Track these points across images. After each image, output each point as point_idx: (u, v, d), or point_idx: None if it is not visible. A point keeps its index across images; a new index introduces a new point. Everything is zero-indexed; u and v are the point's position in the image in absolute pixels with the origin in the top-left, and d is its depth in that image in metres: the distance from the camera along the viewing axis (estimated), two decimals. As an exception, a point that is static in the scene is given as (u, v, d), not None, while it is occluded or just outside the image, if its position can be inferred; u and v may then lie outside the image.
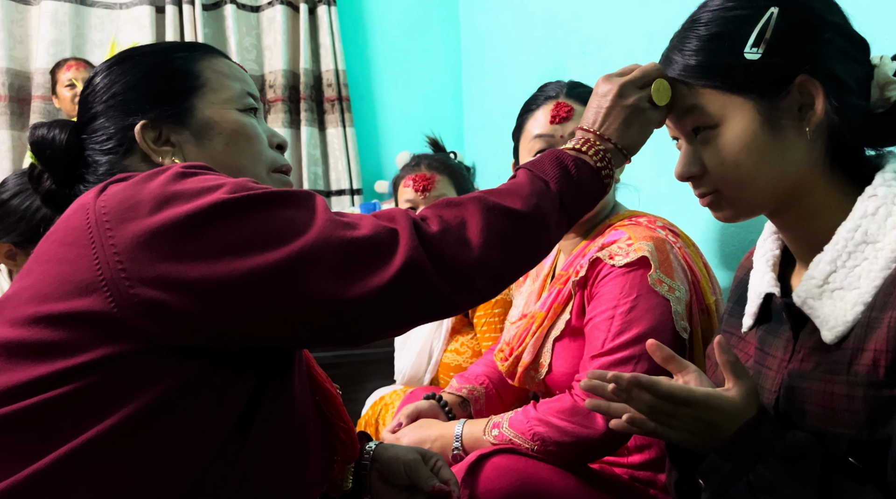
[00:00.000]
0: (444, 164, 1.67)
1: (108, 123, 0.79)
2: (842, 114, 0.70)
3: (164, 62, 0.81)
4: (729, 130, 0.73)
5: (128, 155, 0.79)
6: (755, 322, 0.82)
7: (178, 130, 0.78)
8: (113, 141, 0.79)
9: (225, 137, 0.79)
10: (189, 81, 0.80)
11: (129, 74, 0.80)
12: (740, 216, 0.77)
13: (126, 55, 0.83)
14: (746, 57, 0.71)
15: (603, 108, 0.80)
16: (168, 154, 0.78)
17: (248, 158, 0.80)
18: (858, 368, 0.64)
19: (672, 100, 0.78)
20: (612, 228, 1.14)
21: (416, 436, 1.17)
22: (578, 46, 1.94)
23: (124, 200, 0.64)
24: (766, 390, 0.76)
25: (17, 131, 2.77)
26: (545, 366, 1.16)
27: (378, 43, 3.14)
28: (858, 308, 0.66)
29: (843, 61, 0.71)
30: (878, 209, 0.68)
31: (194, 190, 0.64)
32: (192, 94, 0.80)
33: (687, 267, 1.09)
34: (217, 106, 0.80)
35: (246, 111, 0.82)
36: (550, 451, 1.03)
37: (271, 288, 0.61)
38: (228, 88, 0.82)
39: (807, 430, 0.69)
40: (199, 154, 0.78)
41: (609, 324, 1.05)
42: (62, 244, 0.65)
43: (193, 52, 0.83)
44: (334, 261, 0.62)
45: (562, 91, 1.19)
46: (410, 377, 1.70)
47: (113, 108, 0.79)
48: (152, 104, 0.78)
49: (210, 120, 0.79)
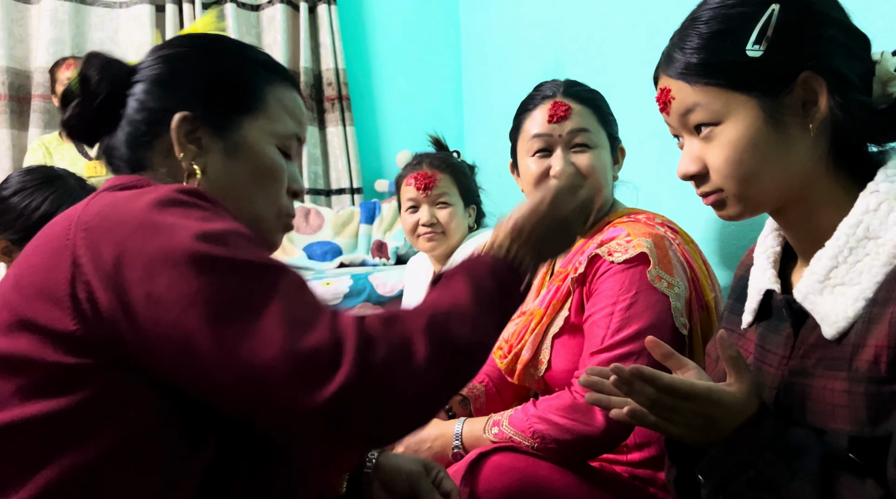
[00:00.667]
0: (446, 162, 1.67)
1: (151, 94, 0.75)
2: (846, 110, 0.70)
3: (239, 69, 0.78)
4: (732, 127, 0.73)
5: (155, 140, 0.75)
6: (755, 319, 0.82)
7: (214, 138, 0.75)
8: (147, 115, 0.75)
9: (252, 167, 0.76)
10: (251, 101, 0.77)
11: (203, 62, 0.77)
12: (744, 215, 0.77)
13: (209, 42, 0.79)
14: (749, 54, 0.71)
15: (534, 217, 0.76)
16: (191, 154, 0.74)
17: (263, 196, 0.77)
18: (859, 364, 0.64)
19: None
20: (610, 225, 1.14)
21: (416, 435, 1.17)
22: (578, 46, 1.94)
23: (105, 219, 0.62)
24: (767, 386, 0.76)
25: (17, 130, 2.77)
26: (544, 363, 1.16)
27: (378, 42, 3.14)
28: (859, 304, 0.66)
29: (846, 57, 0.71)
30: (880, 205, 0.68)
31: (174, 225, 0.61)
32: (246, 112, 0.77)
33: (686, 263, 1.09)
34: (262, 135, 0.77)
35: (284, 151, 0.79)
36: (550, 448, 1.03)
37: (205, 358, 0.58)
38: (282, 124, 0.79)
39: (807, 426, 0.69)
40: (220, 169, 0.75)
41: (608, 320, 1.05)
42: (41, 253, 0.63)
43: (271, 73, 0.80)
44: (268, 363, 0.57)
45: (559, 90, 1.19)
46: None
47: (164, 84, 0.76)
48: (205, 103, 0.75)
49: (248, 144, 0.76)
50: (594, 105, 1.20)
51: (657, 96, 0.79)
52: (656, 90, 0.80)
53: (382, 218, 2.72)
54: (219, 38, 0.81)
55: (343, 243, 2.67)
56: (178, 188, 0.65)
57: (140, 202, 0.62)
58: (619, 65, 1.68)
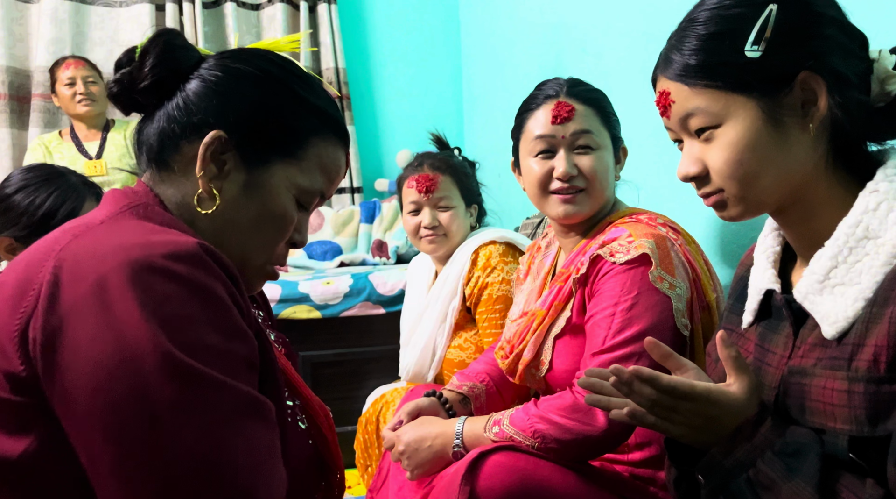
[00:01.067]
0: (447, 163, 1.67)
1: (199, 101, 0.72)
2: (845, 109, 0.70)
3: (294, 111, 0.74)
4: (732, 128, 0.73)
5: (183, 146, 0.72)
6: (755, 319, 0.82)
7: (239, 168, 0.73)
8: (186, 117, 0.72)
9: (262, 210, 0.73)
10: (292, 147, 0.74)
11: (261, 91, 0.73)
12: (745, 215, 0.77)
13: (277, 71, 0.75)
14: (747, 55, 0.70)
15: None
16: (210, 174, 0.71)
17: (260, 241, 0.75)
18: (859, 363, 0.64)
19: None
20: (612, 226, 1.14)
21: (417, 433, 1.17)
22: (578, 45, 1.94)
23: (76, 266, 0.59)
24: (766, 386, 0.76)
25: (17, 130, 2.77)
26: (546, 363, 1.16)
27: (378, 41, 3.14)
28: (859, 304, 0.66)
29: (844, 56, 0.71)
30: (880, 205, 0.68)
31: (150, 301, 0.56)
32: (282, 156, 0.74)
33: (688, 264, 1.09)
34: (286, 182, 0.74)
35: (301, 203, 0.77)
36: (551, 448, 1.03)
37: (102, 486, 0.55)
38: (310, 180, 0.76)
39: (807, 426, 0.69)
40: (231, 200, 0.72)
41: (610, 321, 1.05)
42: (10, 281, 0.61)
43: (324, 124, 0.76)
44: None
45: (562, 90, 1.18)
46: (415, 374, 1.70)
47: (217, 97, 0.72)
48: (246, 131, 0.72)
49: (269, 187, 0.73)
50: (597, 106, 1.19)
51: (657, 100, 0.79)
52: (654, 92, 0.80)
53: (383, 217, 2.72)
54: (289, 69, 0.76)
55: (343, 243, 2.67)
56: (170, 252, 0.60)
57: (117, 259, 0.58)
58: (620, 64, 1.68)
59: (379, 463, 1.47)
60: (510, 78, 2.50)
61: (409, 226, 1.70)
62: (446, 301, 1.63)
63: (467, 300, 1.62)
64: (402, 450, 1.17)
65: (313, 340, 2.16)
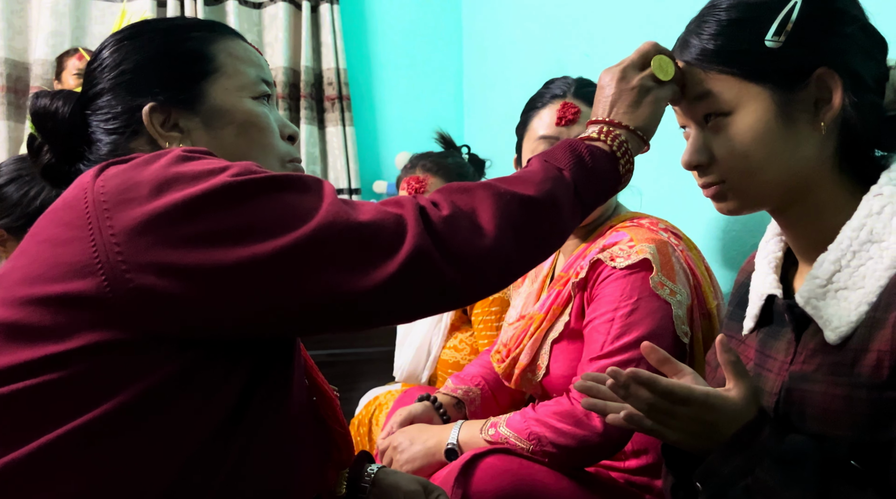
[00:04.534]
0: (439, 164, 1.67)
1: (114, 101, 0.75)
2: (859, 110, 0.70)
3: (177, 42, 0.77)
4: (742, 118, 0.72)
5: (133, 137, 0.75)
6: (756, 325, 0.81)
7: (188, 116, 0.75)
8: (118, 121, 0.75)
9: (236, 126, 0.76)
10: (203, 65, 0.76)
11: (140, 52, 0.76)
12: (744, 209, 0.76)
13: (137, 30, 0.78)
14: (767, 44, 0.70)
15: (609, 97, 0.78)
16: (176, 140, 0.74)
17: (259, 149, 0.77)
18: (861, 369, 0.64)
19: (677, 73, 0.76)
20: (613, 230, 1.13)
21: (412, 431, 1.16)
22: (581, 48, 1.93)
23: (123, 182, 0.62)
24: (767, 392, 0.75)
25: (15, 122, 2.76)
26: (542, 368, 1.15)
27: (380, 43, 3.14)
28: (863, 308, 0.65)
29: (863, 57, 0.70)
30: (884, 208, 0.67)
31: (196, 172, 0.61)
32: (204, 78, 0.76)
33: (689, 270, 1.08)
34: (230, 93, 0.77)
35: (259, 99, 0.79)
36: (547, 452, 1.02)
37: (273, 277, 0.60)
38: (243, 74, 0.78)
39: (807, 432, 0.68)
40: (208, 142, 0.75)
41: (609, 326, 1.04)
42: (58, 225, 0.63)
43: (209, 32, 0.79)
44: (340, 250, 0.61)
45: (569, 90, 1.17)
46: (409, 374, 1.70)
47: (120, 87, 0.75)
48: (162, 86, 0.75)
49: (222, 107, 0.76)
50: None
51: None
52: None
53: (380, 219, 2.71)
54: (141, 23, 0.80)
55: (340, 244, 2.65)
56: (185, 148, 0.66)
57: (154, 165, 0.62)
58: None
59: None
60: (512, 82, 2.50)
61: None
62: None
63: None
64: (397, 445, 1.16)
65: (307, 340, 2.13)
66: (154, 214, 0.60)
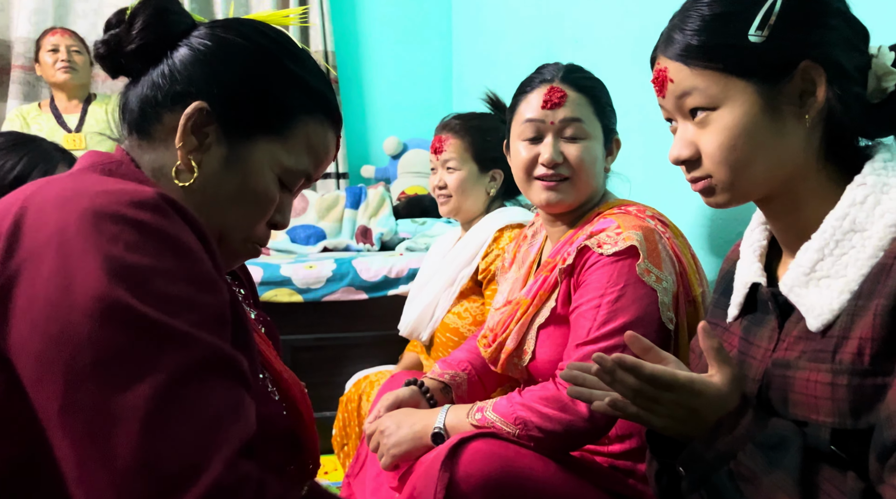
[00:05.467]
0: (464, 126, 1.68)
1: (185, 70, 0.69)
2: (843, 102, 0.70)
3: (283, 87, 0.72)
4: (728, 113, 0.72)
5: (164, 115, 0.70)
6: (740, 313, 0.82)
7: (220, 142, 0.70)
8: (169, 85, 0.69)
9: (243, 187, 0.71)
10: (278, 124, 0.71)
11: (251, 63, 0.71)
12: (733, 202, 0.77)
13: (269, 44, 0.72)
14: (750, 39, 0.70)
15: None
16: (190, 146, 0.69)
17: (240, 218, 0.72)
18: (843, 356, 0.65)
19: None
20: (600, 217, 1.14)
21: (399, 415, 1.17)
22: (571, 34, 1.93)
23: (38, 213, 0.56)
24: (750, 379, 0.76)
25: (-4, 100, 2.71)
26: (529, 353, 1.16)
27: (368, 26, 3.12)
28: (845, 296, 0.66)
29: (846, 49, 0.71)
30: (867, 198, 0.68)
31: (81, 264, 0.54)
32: (267, 133, 0.71)
33: (675, 257, 1.09)
34: (269, 160, 0.71)
35: (285, 183, 0.74)
36: (533, 436, 1.03)
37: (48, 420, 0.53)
38: (295, 159, 0.73)
39: (790, 419, 0.69)
40: (208, 174, 0.70)
41: (595, 313, 1.04)
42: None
43: (316, 105, 0.74)
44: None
45: (558, 75, 1.17)
46: (412, 329, 1.72)
47: (203, 66, 0.69)
48: (231, 104, 0.70)
49: (250, 163, 0.71)
50: (591, 94, 1.17)
51: (653, 77, 0.78)
52: (652, 71, 0.79)
53: (368, 204, 2.70)
54: (281, 43, 0.74)
55: (327, 228, 2.64)
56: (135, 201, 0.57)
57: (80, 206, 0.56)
58: (613, 55, 1.68)
59: (357, 449, 1.46)
60: (501, 67, 2.49)
61: (431, 185, 1.75)
62: (459, 267, 1.64)
63: (480, 274, 1.62)
64: (384, 429, 1.16)
65: (294, 324, 2.14)
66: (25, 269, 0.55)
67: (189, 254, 0.58)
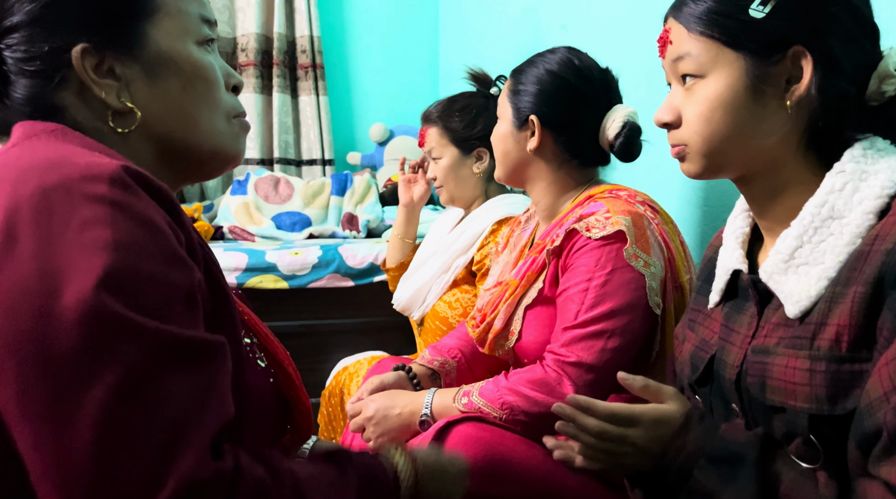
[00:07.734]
0: (436, 112, 1.64)
1: (35, 38, 0.63)
2: (824, 95, 0.70)
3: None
4: (713, 83, 0.73)
5: (62, 86, 0.64)
6: (722, 299, 0.82)
7: (127, 62, 0.66)
8: (40, 62, 0.63)
9: (182, 78, 0.67)
10: (143, 2, 0.67)
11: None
12: (704, 173, 0.77)
13: None
14: (750, 13, 0.70)
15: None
16: (112, 89, 0.65)
17: (206, 105, 0.70)
18: (821, 342, 0.65)
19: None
20: (591, 200, 1.14)
21: (385, 401, 1.17)
22: (558, 21, 1.92)
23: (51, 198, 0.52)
24: (729, 365, 0.77)
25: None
26: (515, 333, 1.17)
27: (354, 11, 3.08)
28: (822, 283, 0.67)
29: (845, 42, 0.70)
30: (846, 185, 0.68)
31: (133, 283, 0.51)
32: (145, 18, 0.66)
33: (663, 243, 1.10)
34: (174, 37, 0.67)
35: (203, 44, 0.70)
36: (519, 420, 1.04)
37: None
38: (186, 14, 0.69)
39: (768, 405, 0.70)
40: (149, 94, 0.66)
41: (583, 296, 1.05)
42: None
43: None
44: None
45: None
46: (405, 307, 1.73)
47: (42, 22, 0.63)
48: (95, 25, 0.64)
49: (166, 54, 0.67)
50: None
51: (659, 36, 0.79)
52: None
53: (354, 190, 2.69)
54: None
55: (313, 215, 2.63)
56: (91, 174, 0.53)
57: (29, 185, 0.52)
58: (601, 42, 1.67)
59: (342, 437, 1.47)
60: (488, 54, 2.48)
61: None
62: (454, 255, 1.63)
63: (474, 264, 1.61)
64: (370, 416, 1.17)
65: (279, 310, 2.14)
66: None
67: (153, 228, 0.55)
